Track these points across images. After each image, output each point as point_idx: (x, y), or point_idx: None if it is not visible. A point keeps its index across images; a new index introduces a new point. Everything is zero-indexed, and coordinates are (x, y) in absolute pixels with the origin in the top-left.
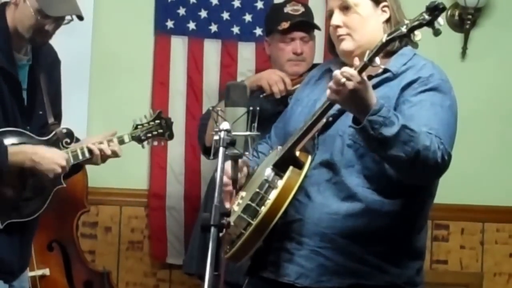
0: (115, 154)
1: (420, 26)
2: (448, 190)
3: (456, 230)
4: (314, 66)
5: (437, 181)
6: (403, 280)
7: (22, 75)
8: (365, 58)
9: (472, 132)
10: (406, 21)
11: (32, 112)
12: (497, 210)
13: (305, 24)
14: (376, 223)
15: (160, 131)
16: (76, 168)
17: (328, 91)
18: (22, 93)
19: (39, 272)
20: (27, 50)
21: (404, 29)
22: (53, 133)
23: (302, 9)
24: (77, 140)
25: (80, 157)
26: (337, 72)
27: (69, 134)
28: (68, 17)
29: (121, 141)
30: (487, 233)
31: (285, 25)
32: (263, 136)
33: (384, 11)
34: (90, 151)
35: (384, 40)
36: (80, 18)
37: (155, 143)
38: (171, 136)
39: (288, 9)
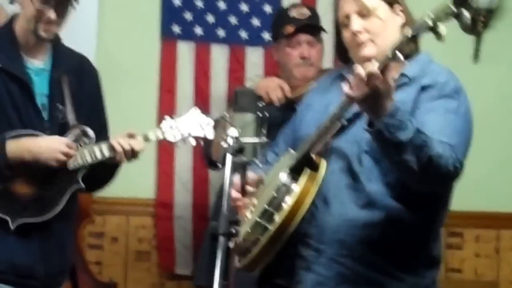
0: (133, 150)
1: (446, 18)
2: (462, 197)
3: (471, 237)
4: (323, 71)
5: (452, 189)
6: None
7: (41, 80)
8: (389, 53)
9: (485, 137)
10: (431, 14)
11: (53, 115)
12: None
13: (311, 27)
14: (395, 231)
15: (199, 129)
16: (110, 171)
17: (346, 87)
18: (34, 96)
19: None
20: (45, 56)
21: (429, 22)
22: (70, 133)
23: (307, 12)
24: None
25: (98, 154)
26: (359, 68)
27: (86, 133)
28: (71, 9)
29: (146, 138)
30: (503, 241)
31: (290, 29)
32: (270, 144)
33: (398, 14)
34: (111, 148)
35: (409, 34)
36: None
37: (193, 141)
38: (210, 135)
39: (293, 12)
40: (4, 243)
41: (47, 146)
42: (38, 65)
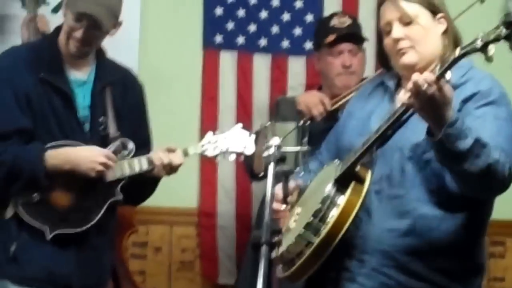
0: (170, 165)
1: (496, 40)
2: (505, 206)
3: None
4: (364, 80)
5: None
6: None
7: (83, 92)
8: (437, 73)
9: None
10: (481, 34)
11: (95, 127)
12: None
13: (352, 36)
14: (438, 239)
15: (239, 145)
16: (150, 184)
17: (405, 95)
18: (76, 108)
19: None
20: (89, 68)
21: (479, 43)
22: (110, 145)
23: (348, 21)
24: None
25: (137, 167)
26: (417, 76)
27: (126, 146)
28: (112, 31)
29: (185, 153)
30: None
31: (331, 38)
32: (313, 152)
33: (440, 22)
34: (150, 161)
35: (457, 54)
36: (98, 22)
37: (232, 157)
38: (250, 151)
39: (334, 21)
40: (43, 252)
41: (86, 156)
42: (80, 77)
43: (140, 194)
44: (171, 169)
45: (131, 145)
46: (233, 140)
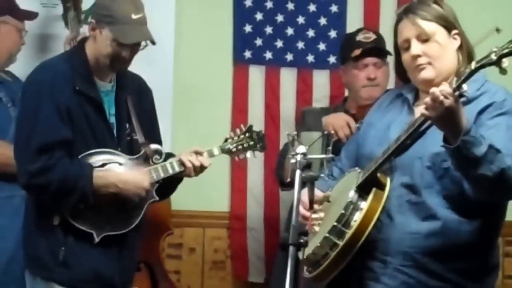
0: (202, 165)
1: (510, 54)
2: None
3: None
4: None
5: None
6: None
7: (109, 100)
8: (454, 85)
9: None
10: (495, 49)
11: (121, 134)
12: None
13: (377, 50)
14: (455, 242)
15: (251, 143)
16: (174, 183)
17: (423, 107)
18: (107, 116)
19: None
20: (112, 78)
21: (494, 57)
22: (143, 151)
23: (373, 36)
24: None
25: (170, 170)
26: (435, 89)
27: (158, 151)
28: (143, 43)
29: (211, 154)
30: None
31: (357, 52)
32: (333, 160)
33: (455, 38)
34: (181, 163)
35: (473, 67)
36: (152, 43)
37: (248, 155)
38: (263, 148)
39: (360, 37)
40: (89, 254)
41: (134, 183)
42: (106, 86)
43: (165, 192)
44: (200, 169)
45: (162, 150)
46: (249, 140)
